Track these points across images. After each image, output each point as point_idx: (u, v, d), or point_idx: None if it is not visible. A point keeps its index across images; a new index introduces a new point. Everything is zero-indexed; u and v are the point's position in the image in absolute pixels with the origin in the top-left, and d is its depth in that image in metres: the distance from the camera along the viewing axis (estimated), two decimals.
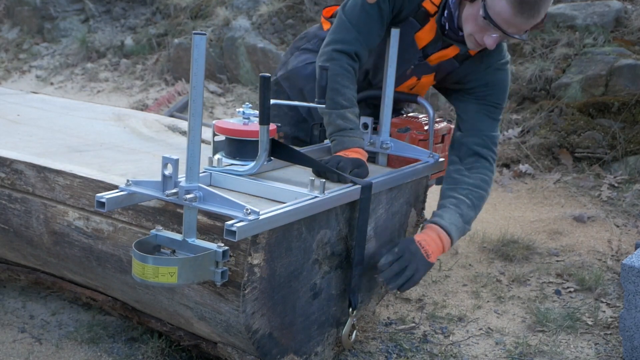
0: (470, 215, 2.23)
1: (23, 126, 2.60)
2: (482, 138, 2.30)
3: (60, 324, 2.39)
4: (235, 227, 1.48)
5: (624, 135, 4.20)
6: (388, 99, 2.26)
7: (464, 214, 2.20)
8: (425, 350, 2.31)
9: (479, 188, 2.26)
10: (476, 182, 2.26)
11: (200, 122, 1.55)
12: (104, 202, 1.62)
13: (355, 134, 2.09)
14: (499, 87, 2.32)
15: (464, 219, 2.20)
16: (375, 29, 2.16)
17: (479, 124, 2.31)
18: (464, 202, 2.21)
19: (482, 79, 2.30)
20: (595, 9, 4.92)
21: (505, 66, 2.32)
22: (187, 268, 1.55)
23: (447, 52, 2.27)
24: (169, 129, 2.73)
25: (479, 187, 2.26)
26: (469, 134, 2.32)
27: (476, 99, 2.33)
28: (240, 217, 1.53)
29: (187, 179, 1.57)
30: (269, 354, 1.83)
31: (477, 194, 2.25)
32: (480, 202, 2.26)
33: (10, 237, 2.16)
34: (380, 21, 2.16)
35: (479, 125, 2.31)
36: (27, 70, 7.52)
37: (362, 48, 2.16)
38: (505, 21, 1.98)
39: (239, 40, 6.30)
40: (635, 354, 2.19)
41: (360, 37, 2.15)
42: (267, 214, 1.59)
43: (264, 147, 1.87)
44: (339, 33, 2.17)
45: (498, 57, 2.30)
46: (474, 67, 2.30)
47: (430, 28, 2.21)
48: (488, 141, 2.31)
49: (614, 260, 3.07)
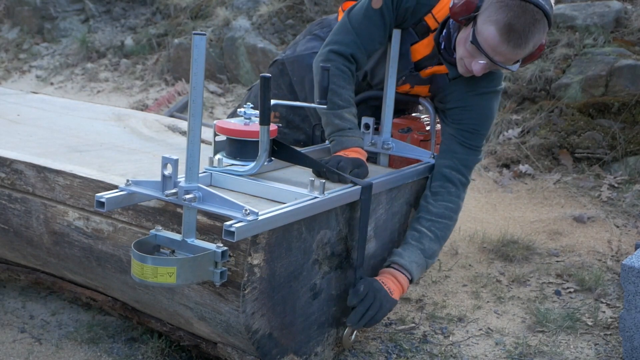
0: (434, 248, 2.18)
1: (23, 126, 2.60)
2: (453, 161, 2.23)
3: (60, 324, 2.39)
4: (234, 228, 1.48)
5: (624, 135, 4.20)
6: (389, 100, 2.26)
7: (425, 249, 2.16)
8: (425, 351, 2.31)
9: (444, 218, 2.21)
10: (440, 211, 2.21)
11: (200, 122, 1.55)
12: (104, 202, 1.62)
13: (353, 133, 2.09)
14: (477, 112, 2.22)
15: (426, 253, 2.16)
16: (375, 35, 2.15)
17: (452, 146, 2.25)
18: (426, 236, 2.17)
19: (460, 100, 2.23)
20: (595, 9, 4.92)
21: (491, 94, 2.24)
22: (186, 268, 1.55)
23: (439, 69, 2.24)
24: (169, 129, 2.73)
25: (443, 216, 2.21)
26: (442, 156, 2.26)
27: (452, 122, 2.26)
28: (239, 217, 1.53)
29: (187, 179, 1.57)
30: (268, 354, 1.83)
31: (441, 224, 2.20)
32: (445, 233, 2.22)
33: (10, 237, 2.16)
34: (382, 27, 2.14)
35: (452, 148, 2.25)
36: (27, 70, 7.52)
37: (359, 51, 2.15)
38: (492, 48, 1.93)
39: (239, 40, 6.30)
40: (635, 355, 2.19)
41: (359, 40, 2.14)
42: (266, 215, 1.59)
43: (264, 148, 1.87)
44: (339, 35, 2.18)
45: (486, 83, 2.21)
46: (457, 87, 2.24)
47: (428, 43, 2.20)
48: (459, 165, 2.23)
49: (614, 260, 3.07)
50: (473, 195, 3.95)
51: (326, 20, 2.67)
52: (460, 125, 2.24)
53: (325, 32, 2.58)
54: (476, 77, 2.15)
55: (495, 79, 2.24)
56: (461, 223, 3.46)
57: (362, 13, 2.14)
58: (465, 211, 3.70)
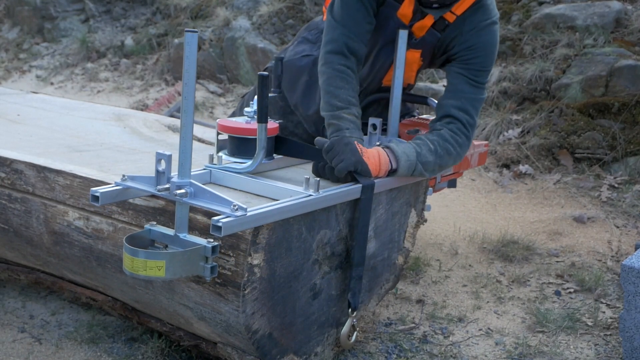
0: (428, 158, 2.08)
1: (23, 126, 2.60)
2: (460, 100, 2.20)
3: (60, 324, 2.39)
4: (221, 223, 1.49)
5: (624, 135, 4.20)
6: (396, 100, 2.26)
7: (421, 153, 2.07)
8: (425, 351, 2.31)
9: (446, 141, 2.14)
10: (443, 134, 2.15)
11: (192, 119, 1.56)
12: (98, 196, 1.63)
13: (352, 133, 2.08)
14: (483, 50, 2.23)
15: (420, 158, 2.06)
16: (360, 18, 2.17)
17: (460, 86, 2.22)
18: (426, 144, 2.10)
19: (465, 41, 2.23)
20: (596, 9, 4.92)
21: (491, 27, 2.24)
22: (175, 262, 1.56)
23: (425, 22, 2.24)
24: (169, 129, 2.73)
25: (446, 140, 2.15)
26: (449, 96, 2.23)
27: (459, 62, 2.25)
28: (227, 213, 1.54)
29: (179, 175, 1.59)
30: (268, 354, 1.83)
31: (443, 145, 2.13)
32: (445, 155, 2.13)
33: (10, 237, 2.16)
34: (363, 9, 2.17)
35: (460, 87, 2.22)
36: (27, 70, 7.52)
37: (351, 40, 2.17)
38: None
39: (239, 40, 6.30)
40: (635, 355, 2.19)
41: (346, 30, 2.17)
42: (255, 211, 1.59)
43: (262, 145, 1.88)
44: (328, 34, 2.21)
45: (482, 17, 2.22)
46: (456, 31, 2.24)
47: (409, 3, 2.21)
48: (467, 104, 2.20)
49: (614, 261, 3.07)
50: (473, 195, 3.95)
51: (313, 23, 2.71)
52: (469, 65, 2.24)
53: (312, 34, 2.60)
54: (470, 16, 2.19)
55: (487, 10, 2.24)
56: (461, 223, 3.47)
57: (340, 4, 2.18)
58: (465, 211, 3.70)
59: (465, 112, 2.19)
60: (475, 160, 2.74)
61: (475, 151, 2.71)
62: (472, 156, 2.69)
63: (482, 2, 2.22)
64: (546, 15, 5.03)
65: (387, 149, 2.04)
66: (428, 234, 3.31)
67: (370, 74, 2.41)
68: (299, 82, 2.52)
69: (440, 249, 3.17)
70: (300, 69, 2.53)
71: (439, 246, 3.20)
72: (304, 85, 2.52)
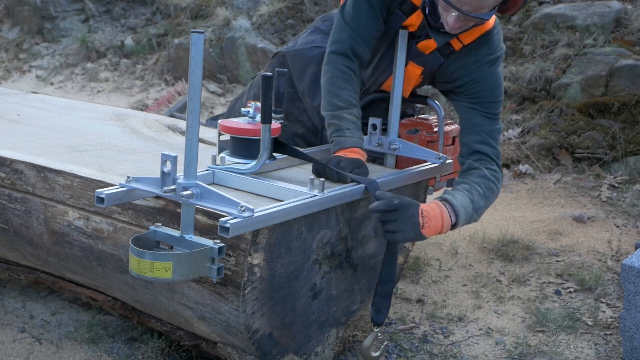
0: (480, 204, 2.12)
1: (23, 126, 2.60)
2: (480, 135, 2.22)
3: (60, 324, 2.39)
4: (229, 224, 1.49)
5: (624, 135, 4.20)
6: (396, 100, 2.26)
7: (474, 200, 2.09)
8: (425, 350, 2.31)
9: (489, 180, 2.17)
10: (485, 174, 2.18)
11: (198, 120, 1.55)
12: (104, 197, 1.63)
13: (352, 133, 2.08)
14: (490, 83, 2.25)
15: (474, 205, 2.09)
16: (370, 23, 2.17)
17: (475, 120, 2.24)
18: (475, 189, 2.12)
19: (470, 74, 2.24)
20: (596, 9, 4.92)
21: (496, 61, 2.26)
22: (182, 264, 1.55)
23: (430, 43, 2.24)
24: (169, 129, 2.73)
25: (488, 179, 2.17)
26: (467, 132, 2.25)
27: (468, 97, 2.26)
28: (234, 214, 1.53)
29: (185, 176, 1.58)
30: (268, 354, 1.83)
31: (488, 185, 2.16)
32: (490, 195, 2.16)
33: (10, 237, 2.16)
34: (373, 15, 2.17)
35: (475, 121, 2.24)
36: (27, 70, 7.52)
37: (357, 44, 2.17)
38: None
39: (239, 40, 6.30)
40: (635, 355, 2.19)
41: (354, 33, 2.17)
42: (262, 212, 1.59)
43: (266, 146, 1.88)
44: (335, 34, 2.21)
45: (487, 51, 2.23)
46: (460, 62, 2.25)
47: (417, 17, 2.21)
48: (487, 137, 2.22)
49: (614, 260, 3.07)
50: None
51: (329, 15, 2.71)
52: (478, 98, 2.25)
53: (326, 25, 2.60)
54: (476, 49, 2.19)
55: (494, 44, 2.25)
56: None
57: (351, 7, 2.18)
58: None
59: (488, 145, 2.22)
60: None
61: None
62: None
63: (490, 35, 2.21)
64: (546, 15, 5.03)
65: (447, 203, 2.02)
66: None
67: (371, 77, 2.42)
68: (307, 71, 2.51)
69: (440, 249, 3.17)
70: (310, 59, 2.52)
71: (439, 246, 3.20)
72: (312, 76, 2.52)
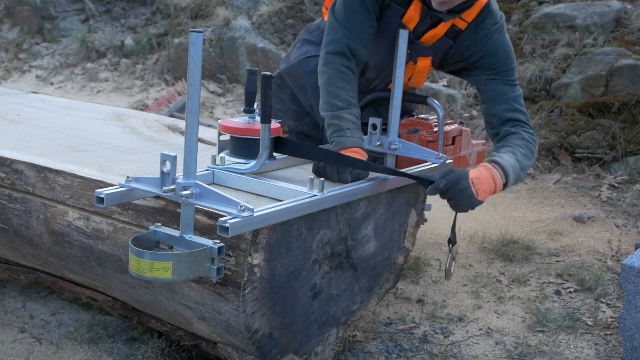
0: (525, 163, 2.19)
1: (23, 126, 2.60)
2: (507, 103, 2.29)
3: (60, 324, 2.39)
4: (228, 224, 1.49)
5: (624, 135, 4.20)
6: (396, 100, 2.26)
7: (519, 160, 2.17)
8: (425, 350, 2.31)
9: (529, 142, 2.25)
10: (524, 136, 2.25)
11: (197, 120, 1.55)
12: (103, 197, 1.63)
13: (352, 133, 2.08)
14: (503, 51, 2.31)
15: (520, 165, 2.16)
16: (362, 20, 2.18)
17: (498, 90, 2.31)
18: (519, 150, 2.19)
19: (484, 48, 2.30)
20: (595, 9, 4.92)
21: (501, 29, 2.31)
22: (182, 263, 1.55)
23: (438, 31, 2.27)
24: (169, 129, 2.73)
25: (528, 141, 2.25)
26: (494, 103, 2.31)
27: (485, 69, 2.32)
28: (234, 213, 1.54)
29: (185, 175, 1.58)
30: (268, 354, 1.83)
31: (528, 146, 2.23)
32: (531, 156, 2.24)
33: (10, 237, 2.16)
34: (366, 12, 2.18)
35: (499, 91, 2.31)
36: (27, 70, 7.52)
37: (353, 42, 2.18)
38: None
39: (239, 40, 6.30)
40: (635, 355, 2.19)
41: (349, 31, 2.17)
42: (261, 212, 1.59)
43: (265, 146, 1.88)
44: (329, 34, 2.21)
45: (492, 22, 2.29)
46: (470, 39, 2.29)
47: (415, 8, 2.22)
48: (515, 104, 2.29)
49: (614, 260, 3.07)
50: None
51: (313, 25, 2.72)
52: (496, 69, 2.31)
53: (314, 35, 2.60)
54: (481, 23, 2.25)
55: (495, 13, 2.30)
56: (461, 223, 3.46)
57: (342, 6, 2.19)
58: None
59: (519, 111, 2.30)
60: (474, 160, 2.74)
61: (473, 150, 2.71)
62: (470, 155, 2.70)
63: (489, 6, 2.26)
64: (546, 15, 5.03)
65: (495, 164, 2.11)
66: (428, 233, 3.31)
67: (377, 78, 2.43)
68: (308, 84, 2.51)
69: (440, 249, 3.17)
70: (308, 73, 2.52)
71: (439, 246, 3.20)
72: (315, 87, 2.52)
